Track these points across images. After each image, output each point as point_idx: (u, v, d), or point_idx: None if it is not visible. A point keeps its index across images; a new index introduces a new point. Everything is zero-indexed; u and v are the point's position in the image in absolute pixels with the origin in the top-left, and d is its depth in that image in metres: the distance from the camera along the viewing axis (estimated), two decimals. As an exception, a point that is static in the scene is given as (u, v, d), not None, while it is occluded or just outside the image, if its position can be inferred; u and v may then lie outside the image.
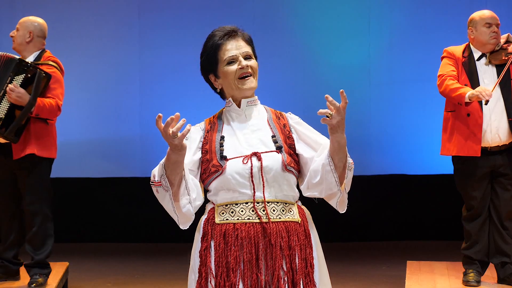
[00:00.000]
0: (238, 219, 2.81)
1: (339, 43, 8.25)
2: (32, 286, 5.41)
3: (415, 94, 8.14)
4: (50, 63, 5.45)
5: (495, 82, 5.20)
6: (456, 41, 5.68)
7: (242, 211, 2.82)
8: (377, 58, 8.23)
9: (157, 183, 2.75)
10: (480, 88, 5.11)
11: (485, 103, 5.12)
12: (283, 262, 2.78)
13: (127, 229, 8.41)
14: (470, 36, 5.39)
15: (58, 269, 5.89)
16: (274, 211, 2.82)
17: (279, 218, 2.82)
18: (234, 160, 2.81)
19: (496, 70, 5.28)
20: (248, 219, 2.81)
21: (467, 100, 5.12)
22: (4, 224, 5.59)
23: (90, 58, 8.32)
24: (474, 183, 5.32)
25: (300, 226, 2.84)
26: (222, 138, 2.87)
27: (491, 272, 5.50)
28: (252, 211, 2.81)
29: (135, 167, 8.36)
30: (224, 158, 2.82)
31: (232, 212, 2.82)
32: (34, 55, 5.51)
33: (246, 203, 2.82)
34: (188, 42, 8.03)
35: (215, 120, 2.95)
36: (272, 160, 2.81)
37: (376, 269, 7.11)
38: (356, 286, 6.48)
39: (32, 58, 5.48)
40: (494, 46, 5.32)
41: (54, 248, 5.61)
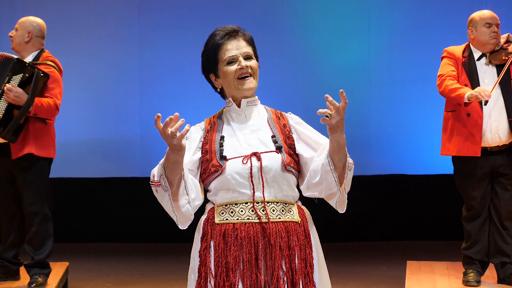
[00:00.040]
0: (238, 219, 2.81)
1: (339, 43, 8.25)
2: (32, 286, 5.41)
3: (415, 94, 8.13)
4: (48, 62, 5.45)
5: (495, 82, 5.20)
6: (456, 41, 5.68)
7: (242, 211, 2.81)
8: (377, 58, 8.23)
9: (156, 183, 2.75)
10: (479, 89, 5.10)
11: (484, 104, 5.11)
12: (283, 262, 2.78)
13: (127, 229, 8.41)
14: (470, 36, 5.39)
15: (58, 269, 5.89)
16: (273, 211, 2.82)
17: (279, 218, 2.82)
18: (233, 160, 2.81)
19: (496, 70, 5.27)
20: (248, 219, 2.80)
21: (466, 100, 5.12)
22: (4, 224, 5.59)
23: (90, 58, 8.32)
24: (474, 183, 5.32)
25: (299, 226, 2.84)
26: (222, 138, 2.87)
27: (491, 272, 5.50)
28: (252, 211, 2.81)
29: (135, 167, 8.36)
30: (224, 158, 2.82)
31: (232, 212, 2.82)
32: (33, 55, 5.51)
33: (246, 203, 2.82)
34: (188, 42, 8.04)
35: (215, 120, 2.95)
36: (272, 160, 2.81)
37: (376, 269, 7.11)
38: (356, 286, 6.47)
39: (30, 58, 5.48)
40: (494, 46, 5.32)
41: (54, 248, 5.61)
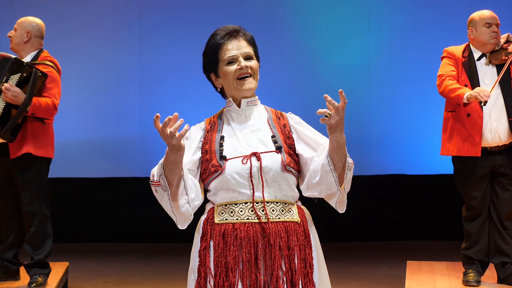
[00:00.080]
0: (237, 219, 2.81)
1: (339, 43, 8.25)
2: (32, 286, 5.41)
3: (415, 94, 8.13)
4: (47, 62, 5.45)
5: (495, 82, 5.20)
6: (456, 41, 5.68)
7: (242, 211, 2.81)
8: (377, 58, 8.23)
9: (156, 182, 2.75)
10: (479, 89, 5.10)
11: (483, 104, 5.11)
12: (282, 262, 2.77)
13: (127, 229, 8.41)
14: (470, 36, 5.39)
15: (58, 269, 5.89)
16: (273, 211, 2.82)
17: (279, 218, 2.82)
18: (233, 160, 2.81)
19: (496, 70, 5.27)
20: (247, 219, 2.80)
21: (465, 100, 5.12)
22: (4, 224, 5.59)
23: (90, 58, 8.32)
24: (474, 183, 5.32)
25: (299, 226, 2.84)
26: (222, 138, 2.87)
27: (491, 272, 5.49)
28: (251, 211, 2.81)
29: (135, 167, 8.36)
30: (224, 158, 2.82)
31: (232, 212, 2.82)
32: (32, 55, 5.51)
33: (246, 203, 2.81)
34: (188, 42, 8.05)
35: (215, 120, 2.95)
36: (272, 160, 2.81)
37: (376, 269, 7.11)
38: (356, 286, 6.47)
39: (29, 58, 5.48)
40: (494, 46, 5.32)
41: (54, 248, 5.61)
